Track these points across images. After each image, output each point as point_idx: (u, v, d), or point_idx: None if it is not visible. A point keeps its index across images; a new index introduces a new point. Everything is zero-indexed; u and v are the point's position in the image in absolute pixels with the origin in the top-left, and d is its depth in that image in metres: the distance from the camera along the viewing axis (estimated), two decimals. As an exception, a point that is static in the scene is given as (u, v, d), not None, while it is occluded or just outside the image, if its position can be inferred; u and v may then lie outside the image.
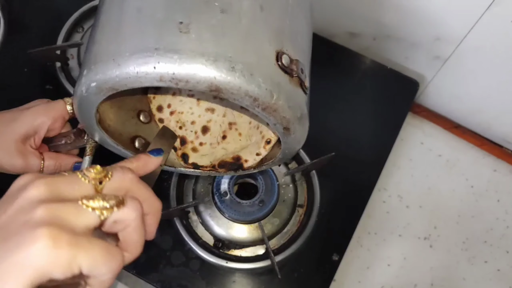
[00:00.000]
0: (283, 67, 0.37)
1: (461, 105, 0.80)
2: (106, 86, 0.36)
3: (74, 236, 0.26)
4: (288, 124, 0.39)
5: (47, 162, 0.50)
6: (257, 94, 0.35)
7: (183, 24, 0.34)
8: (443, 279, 0.71)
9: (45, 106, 0.50)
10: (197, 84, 0.33)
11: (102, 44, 0.37)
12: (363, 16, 0.74)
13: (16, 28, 0.71)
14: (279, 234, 0.61)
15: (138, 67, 0.33)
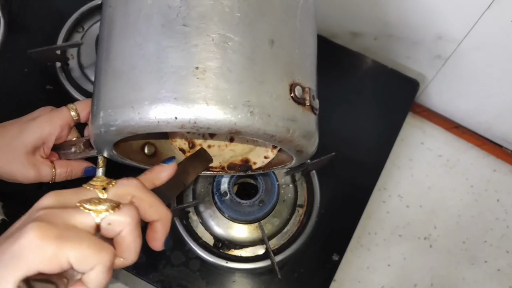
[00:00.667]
0: (296, 99, 0.38)
1: (461, 105, 0.80)
2: (126, 130, 0.37)
3: (62, 230, 0.27)
4: (301, 148, 0.41)
5: (59, 170, 0.51)
6: (274, 132, 0.36)
7: (199, 70, 0.34)
8: (443, 279, 0.71)
9: (50, 116, 0.50)
10: (218, 129, 0.35)
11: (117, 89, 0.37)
12: (364, 16, 0.74)
13: (16, 28, 0.71)
14: (279, 234, 0.61)
15: (158, 116, 0.34)
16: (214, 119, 0.34)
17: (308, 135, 0.41)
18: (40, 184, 0.61)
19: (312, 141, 0.43)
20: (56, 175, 0.51)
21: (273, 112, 0.36)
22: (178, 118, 0.34)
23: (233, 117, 0.34)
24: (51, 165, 0.51)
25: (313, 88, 0.41)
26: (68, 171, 0.52)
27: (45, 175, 0.50)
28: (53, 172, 0.51)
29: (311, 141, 0.42)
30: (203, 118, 0.34)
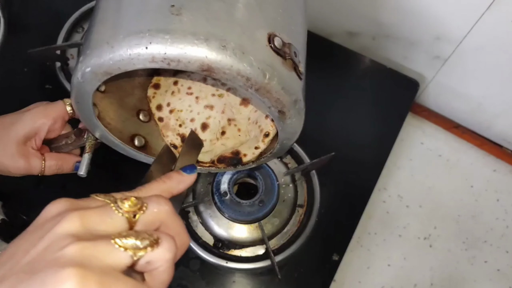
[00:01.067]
0: (276, 49, 0.37)
1: (461, 105, 0.80)
2: (100, 71, 0.36)
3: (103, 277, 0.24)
4: (283, 107, 0.39)
5: (48, 163, 0.51)
6: (249, 73, 0.35)
7: (174, 7, 0.34)
8: (443, 279, 0.71)
9: (45, 107, 0.51)
10: (189, 63, 0.34)
11: (99, 31, 0.37)
12: (363, 16, 0.74)
13: (16, 28, 0.71)
14: (279, 234, 0.61)
15: (130, 49, 0.34)
16: (184, 51, 0.33)
17: (290, 90, 0.38)
18: (38, 183, 0.61)
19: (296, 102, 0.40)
20: (46, 168, 0.51)
21: (248, 51, 0.35)
22: (148, 48, 0.33)
23: (204, 49, 0.33)
24: (41, 157, 0.51)
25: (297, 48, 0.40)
26: (59, 164, 0.52)
27: (34, 166, 0.50)
28: (42, 164, 0.50)
29: (294, 101, 0.39)
30: (173, 48, 0.33)
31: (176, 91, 0.54)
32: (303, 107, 0.42)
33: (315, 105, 0.54)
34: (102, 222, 0.27)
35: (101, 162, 0.63)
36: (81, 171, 0.52)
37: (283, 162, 0.65)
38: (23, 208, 0.60)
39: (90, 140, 0.51)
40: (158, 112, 0.54)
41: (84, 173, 0.52)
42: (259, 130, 0.52)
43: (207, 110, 0.54)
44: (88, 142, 0.51)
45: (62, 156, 0.53)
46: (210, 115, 0.54)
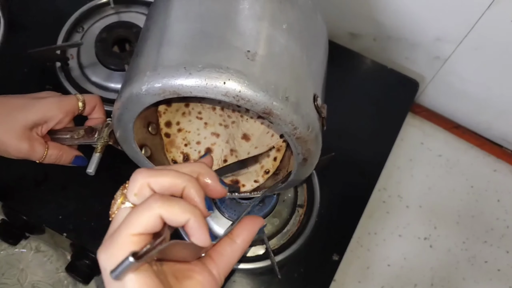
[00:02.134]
0: (317, 107, 0.44)
1: (461, 105, 0.80)
2: (170, 90, 0.39)
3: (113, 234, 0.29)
4: (309, 156, 0.45)
5: (51, 151, 0.52)
6: (298, 124, 0.40)
7: (250, 53, 0.39)
8: (443, 279, 0.71)
9: (59, 99, 0.52)
10: (256, 105, 0.38)
11: (171, 53, 0.40)
12: (364, 17, 0.75)
13: (16, 28, 0.71)
14: (279, 234, 0.61)
15: (209, 80, 0.37)
16: (256, 94, 0.38)
17: (317, 144, 0.45)
18: (39, 183, 0.61)
19: (316, 153, 0.46)
20: (47, 156, 0.52)
21: (302, 105, 0.41)
22: (226, 84, 0.37)
23: (272, 97, 0.38)
24: (45, 144, 0.52)
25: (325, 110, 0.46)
26: (59, 155, 0.53)
27: (37, 151, 0.51)
28: (45, 151, 0.51)
29: (316, 153, 0.46)
30: (247, 90, 0.37)
31: (187, 113, 0.57)
32: (318, 158, 0.48)
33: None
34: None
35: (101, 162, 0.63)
36: (91, 169, 0.53)
37: (283, 162, 0.65)
38: (23, 208, 0.60)
39: (102, 140, 0.53)
40: (166, 128, 0.55)
41: (93, 172, 0.53)
42: (259, 166, 0.55)
43: (213, 137, 0.56)
44: (100, 143, 0.53)
45: (64, 147, 0.54)
46: (215, 142, 0.56)
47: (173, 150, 0.55)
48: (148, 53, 0.41)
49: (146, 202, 0.29)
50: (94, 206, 0.60)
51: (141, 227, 0.28)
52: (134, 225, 0.28)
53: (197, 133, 0.56)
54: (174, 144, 0.55)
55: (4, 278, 0.72)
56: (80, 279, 0.62)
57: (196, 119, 0.57)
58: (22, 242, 0.73)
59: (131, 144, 0.49)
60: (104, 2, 0.73)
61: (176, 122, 0.56)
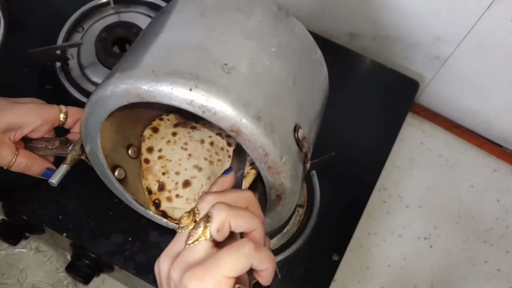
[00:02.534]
0: (297, 139, 0.40)
1: (461, 105, 0.80)
2: (134, 92, 0.37)
3: (204, 264, 0.30)
4: (283, 193, 0.41)
5: (20, 159, 0.49)
6: (270, 150, 0.37)
7: (227, 66, 0.37)
8: (443, 279, 0.71)
9: (40, 106, 0.50)
10: (223, 119, 0.35)
11: (144, 57, 0.38)
12: (363, 17, 0.75)
13: (16, 28, 0.71)
14: (279, 234, 0.61)
15: (175, 85, 0.35)
16: (224, 107, 0.35)
17: (294, 181, 0.40)
18: (39, 183, 0.61)
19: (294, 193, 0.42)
20: (15, 163, 0.49)
21: (276, 130, 0.37)
22: (192, 90, 0.35)
23: (242, 114, 0.35)
24: (14, 151, 0.49)
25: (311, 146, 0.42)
26: (29, 164, 0.50)
27: (3, 156, 0.48)
28: (13, 158, 0.49)
29: (292, 193, 0.41)
30: (214, 101, 0.35)
31: (172, 142, 0.55)
32: (296, 201, 0.43)
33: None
34: (191, 254, 0.32)
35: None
36: (54, 180, 0.50)
37: (283, 162, 0.65)
38: (23, 208, 0.60)
39: (74, 153, 0.50)
40: (147, 153, 0.54)
41: (56, 183, 0.50)
42: None
43: (195, 170, 0.54)
44: (71, 155, 0.50)
45: (35, 157, 0.51)
46: (196, 175, 0.54)
47: (150, 177, 0.53)
48: (124, 61, 0.40)
49: (242, 250, 0.31)
50: (94, 206, 0.60)
51: (236, 273, 0.30)
52: (231, 269, 0.30)
53: (178, 163, 0.54)
54: (151, 171, 0.53)
55: (4, 278, 0.72)
56: (80, 279, 0.62)
57: (180, 149, 0.54)
58: (22, 242, 0.73)
59: (98, 156, 0.46)
60: (104, 2, 0.73)
61: (158, 149, 0.54)
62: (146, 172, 0.53)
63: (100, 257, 0.59)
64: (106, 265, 0.63)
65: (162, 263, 0.33)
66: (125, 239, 0.59)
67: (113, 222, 0.59)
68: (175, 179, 0.53)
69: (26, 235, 0.68)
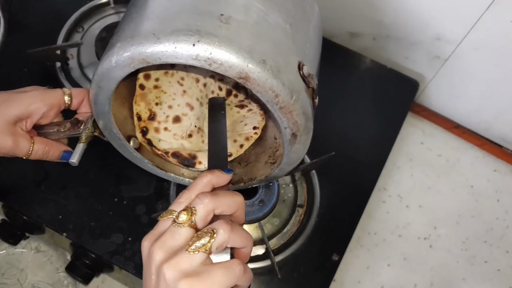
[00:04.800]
0: (303, 76, 0.40)
1: (461, 105, 0.80)
2: (139, 58, 0.37)
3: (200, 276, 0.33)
4: (298, 130, 0.42)
5: (37, 146, 0.50)
6: (279, 90, 0.38)
7: (224, 16, 0.37)
8: (443, 279, 0.71)
9: (43, 92, 0.50)
10: (229, 68, 0.36)
11: (142, 22, 0.39)
12: (363, 16, 0.75)
13: (16, 28, 0.71)
14: (279, 234, 0.61)
15: (177, 43, 0.36)
16: (229, 56, 0.36)
17: (307, 118, 0.41)
18: (39, 182, 0.61)
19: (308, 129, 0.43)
20: (33, 151, 0.50)
21: (283, 70, 0.38)
22: (195, 46, 0.35)
23: (247, 60, 0.36)
24: (30, 139, 0.49)
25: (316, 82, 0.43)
26: (46, 150, 0.51)
27: (22, 147, 0.49)
28: (30, 147, 0.49)
29: (306, 129, 0.42)
30: (219, 52, 0.35)
31: (170, 74, 0.54)
32: (310, 137, 0.44)
33: (315, 105, 0.55)
34: (175, 240, 0.35)
35: (101, 162, 0.63)
36: (74, 159, 0.51)
37: (283, 162, 0.65)
38: (23, 208, 0.60)
39: (87, 131, 0.51)
40: (143, 79, 0.53)
41: (77, 162, 0.51)
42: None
43: (187, 108, 0.54)
44: (85, 133, 0.51)
45: (50, 142, 0.52)
46: (187, 113, 0.54)
47: (142, 104, 0.53)
48: (122, 30, 0.40)
49: (234, 272, 0.34)
50: (94, 206, 0.60)
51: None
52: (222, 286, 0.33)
53: (172, 97, 0.54)
54: (145, 99, 0.53)
55: (4, 278, 0.72)
56: (80, 279, 0.62)
57: (176, 83, 0.54)
58: (22, 242, 0.73)
59: (112, 130, 0.47)
60: (104, 2, 0.73)
61: (155, 78, 0.54)
62: (139, 98, 0.53)
63: (100, 257, 0.59)
64: (106, 265, 0.63)
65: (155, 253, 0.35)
66: (125, 239, 0.59)
67: (113, 222, 0.59)
68: (166, 112, 0.53)
69: (26, 235, 0.68)
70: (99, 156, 0.64)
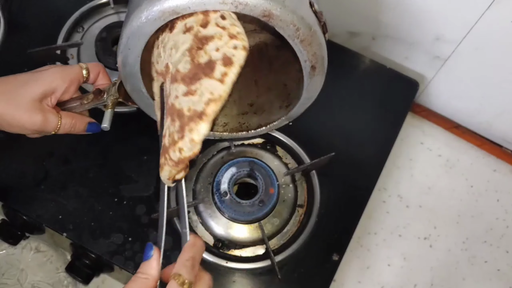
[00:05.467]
0: (315, 12, 0.46)
1: (461, 105, 0.80)
2: (169, 10, 0.40)
3: None
4: (316, 62, 0.46)
5: (64, 120, 0.53)
6: (300, 24, 0.42)
7: None
8: (443, 279, 0.71)
9: (62, 69, 0.53)
10: (254, 8, 0.40)
11: None
12: (363, 16, 0.74)
13: (16, 28, 0.71)
14: (279, 234, 0.61)
15: None
16: None
17: (322, 49, 0.46)
18: (39, 182, 0.61)
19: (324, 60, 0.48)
20: (61, 125, 0.52)
21: (299, 7, 0.42)
22: None
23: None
24: (57, 114, 0.52)
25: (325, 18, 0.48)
26: (73, 123, 0.54)
27: (51, 122, 0.51)
28: (58, 121, 0.52)
29: (323, 60, 0.47)
30: None
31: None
32: (326, 69, 0.49)
33: (314, 105, 0.55)
34: None
35: (101, 162, 0.63)
36: (105, 124, 0.54)
37: (283, 162, 0.65)
38: (23, 208, 0.60)
39: (112, 97, 0.54)
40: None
41: (108, 126, 0.54)
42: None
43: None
44: (111, 99, 0.54)
45: (76, 115, 0.54)
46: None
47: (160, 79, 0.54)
48: None
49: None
50: (94, 206, 0.60)
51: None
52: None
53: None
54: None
55: (4, 278, 0.72)
56: (80, 279, 0.62)
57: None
58: (22, 242, 0.73)
59: (141, 90, 0.49)
60: (104, 2, 0.73)
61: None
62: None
63: (100, 257, 0.59)
64: (106, 265, 0.63)
65: None
66: (125, 239, 0.59)
67: (113, 222, 0.59)
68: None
69: (26, 235, 0.68)
70: (99, 155, 0.64)
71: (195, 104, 0.48)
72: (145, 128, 0.66)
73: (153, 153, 0.64)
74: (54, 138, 0.62)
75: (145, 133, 0.65)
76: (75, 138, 0.57)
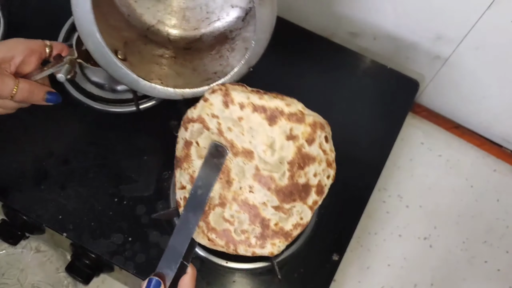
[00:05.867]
0: None
1: (461, 105, 0.80)
2: None
3: None
4: None
5: (22, 85, 0.52)
6: None
7: None
8: (443, 279, 0.71)
9: (24, 40, 0.55)
10: None
11: None
12: (363, 16, 0.74)
13: (16, 28, 0.71)
14: (279, 234, 0.61)
15: None
16: None
17: None
18: (39, 182, 0.61)
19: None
20: (18, 90, 0.52)
21: None
22: None
23: None
24: (14, 79, 0.52)
25: None
26: (31, 89, 0.53)
27: (6, 85, 0.51)
28: (15, 85, 0.51)
29: None
30: None
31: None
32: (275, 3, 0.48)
33: (315, 105, 0.54)
34: None
35: (101, 162, 0.63)
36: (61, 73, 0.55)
37: (283, 162, 0.65)
38: (23, 208, 0.60)
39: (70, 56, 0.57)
40: None
41: (64, 76, 0.55)
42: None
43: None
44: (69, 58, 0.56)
45: (35, 83, 0.54)
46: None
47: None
48: None
49: None
50: (94, 206, 0.60)
51: None
52: None
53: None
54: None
55: (4, 278, 0.72)
56: (80, 279, 0.62)
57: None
58: (22, 242, 0.73)
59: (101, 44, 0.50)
60: (104, 2, 0.73)
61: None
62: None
63: (100, 257, 0.59)
64: (106, 265, 0.63)
65: None
66: (125, 239, 0.59)
67: (113, 222, 0.59)
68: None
69: (26, 235, 0.68)
70: (99, 155, 0.64)
71: (282, 221, 0.52)
72: (145, 128, 0.67)
73: (153, 153, 0.64)
74: (54, 138, 0.62)
75: (145, 133, 0.65)
76: (75, 138, 0.57)
